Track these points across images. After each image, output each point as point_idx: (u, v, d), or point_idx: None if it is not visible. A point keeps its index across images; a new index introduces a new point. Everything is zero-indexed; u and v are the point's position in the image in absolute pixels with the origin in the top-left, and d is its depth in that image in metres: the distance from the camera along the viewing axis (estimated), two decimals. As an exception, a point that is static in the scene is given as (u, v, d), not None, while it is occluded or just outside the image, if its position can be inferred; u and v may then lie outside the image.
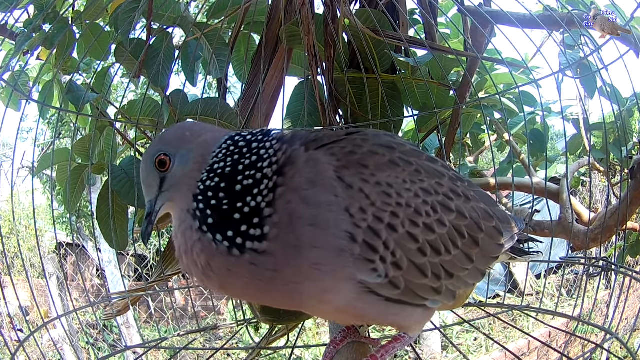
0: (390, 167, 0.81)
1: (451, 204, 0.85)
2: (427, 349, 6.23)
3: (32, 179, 1.78)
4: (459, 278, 0.85)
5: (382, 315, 0.83)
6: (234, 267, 0.75)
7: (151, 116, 1.73)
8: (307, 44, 1.44)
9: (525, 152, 2.68)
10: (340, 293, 0.76)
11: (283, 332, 1.56)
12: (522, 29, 1.53)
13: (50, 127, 4.73)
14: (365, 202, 0.75)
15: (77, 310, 1.55)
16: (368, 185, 0.77)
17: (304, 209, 0.73)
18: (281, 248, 0.73)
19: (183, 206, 0.79)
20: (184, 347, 1.58)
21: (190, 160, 0.80)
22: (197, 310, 7.17)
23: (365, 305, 0.79)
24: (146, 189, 0.85)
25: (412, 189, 0.81)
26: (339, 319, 0.88)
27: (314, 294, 0.77)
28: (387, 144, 0.84)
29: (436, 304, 0.85)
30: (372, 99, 1.65)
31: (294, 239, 0.73)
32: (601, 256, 1.54)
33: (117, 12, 1.57)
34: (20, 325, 5.98)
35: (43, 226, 7.25)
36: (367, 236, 0.74)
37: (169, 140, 0.84)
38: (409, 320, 0.86)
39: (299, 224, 0.73)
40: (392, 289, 0.78)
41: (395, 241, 0.77)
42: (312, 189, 0.74)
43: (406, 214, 0.78)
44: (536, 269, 7.43)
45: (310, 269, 0.73)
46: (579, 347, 4.72)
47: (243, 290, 0.79)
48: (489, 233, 0.90)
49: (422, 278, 0.80)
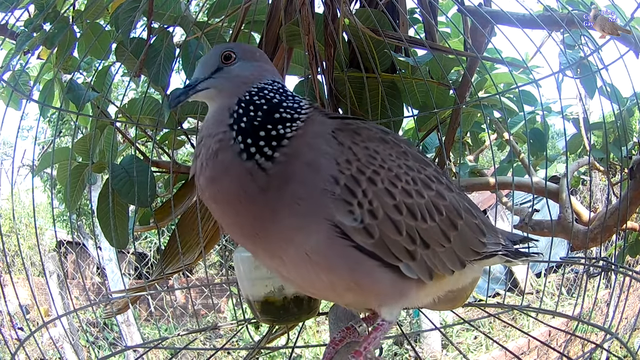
0: (380, 141, 0.92)
1: (432, 184, 0.93)
2: (427, 347, 6.24)
3: (32, 178, 1.79)
4: (435, 253, 0.90)
5: (351, 270, 0.85)
6: (232, 166, 0.83)
7: (151, 115, 1.74)
8: (307, 44, 1.44)
9: (525, 151, 2.68)
10: (313, 234, 0.82)
11: (283, 331, 1.57)
12: (522, 29, 1.53)
13: (50, 125, 4.73)
14: (352, 157, 0.86)
15: (78, 310, 1.55)
16: (357, 147, 0.87)
17: (306, 150, 0.85)
18: (278, 174, 0.82)
19: (224, 102, 0.90)
20: (184, 346, 1.59)
21: (249, 70, 0.93)
22: (197, 308, 7.18)
23: (336, 255, 0.83)
24: (200, 68, 0.94)
25: (396, 161, 0.91)
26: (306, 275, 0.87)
27: (286, 229, 0.82)
28: (383, 129, 0.96)
29: (411, 273, 0.88)
30: (372, 98, 1.65)
31: (291, 171, 0.83)
32: (601, 256, 1.54)
33: (118, 11, 1.57)
34: (20, 323, 5.99)
35: (43, 224, 7.26)
36: (348, 181, 0.83)
37: (242, 47, 0.96)
38: (378, 284, 0.88)
39: (299, 161, 0.83)
40: (366, 236, 0.83)
41: (374, 192, 0.85)
42: (315, 139, 0.86)
43: (387, 175, 0.88)
44: (536, 268, 7.44)
45: (292, 201, 0.81)
46: (578, 347, 4.72)
47: (224, 195, 0.85)
48: (468, 224, 0.96)
49: (396, 234, 0.86)
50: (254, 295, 1.35)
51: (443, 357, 6.26)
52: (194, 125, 1.99)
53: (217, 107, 0.91)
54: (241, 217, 0.85)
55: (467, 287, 1.24)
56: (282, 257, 0.86)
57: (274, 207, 0.82)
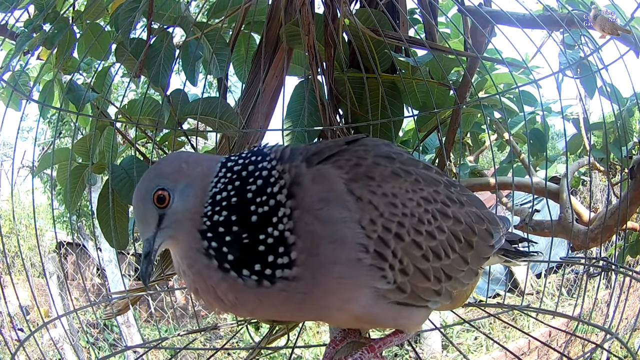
0: (393, 177, 0.83)
1: (448, 210, 0.89)
2: (428, 348, 6.23)
3: (32, 179, 1.79)
4: (456, 279, 0.90)
5: (394, 320, 0.87)
6: (264, 297, 0.75)
7: (151, 116, 1.73)
8: (307, 44, 1.44)
9: (525, 151, 2.68)
10: (359, 301, 0.79)
11: (283, 331, 1.56)
12: (522, 29, 1.53)
13: (50, 126, 4.73)
14: (374, 214, 0.78)
15: (78, 310, 1.55)
16: (376, 197, 0.79)
17: (321, 228, 0.74)
18: (309, 270, 0.74)
19: (191, 244, 0.76)
20: (185, 346, 1.59)
21: (190, 194, 0.77)
22: (197, 309, 7.17)
23: (380, 310, 0.82)
24: (142, 226, 0.79)
25: (414, 198, 0.83)
26: (354, 324, 0.91)
27: (337, 306, 0.79)
28: (387, 155, 0.87)
29: (436, 305, 0.89)
30: (372, 99, 1.65)
31: (319, 259, 0.74)
32: (601, 256, 1.54)
33: (118, 11, 1.57)
34: (20, 324, 5.98)
35: (43, 225, 7.26)
36: (377, 246, 0.77)
37: (166, 174, 0.79)
38: (414, 320, 0.91)
39: (321, 243, 0.74)
40: (399, 294, 0.81)
41: (402, 249, 0.80)
42: (325, 207, 0.75)
43: (411, 223, 0.81)
44: (536, 268, 7.44)
45: (335, 283, 0.76)
46: (579, 347, 4.72)
47: (274, 314, 0.83)
48: (481, 235, 0.95)
49: (425, 282, 0.84)
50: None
51: (443, 357, 6.25)
52: (194, 125, 1.99)
53: (184, 254, 0.78)
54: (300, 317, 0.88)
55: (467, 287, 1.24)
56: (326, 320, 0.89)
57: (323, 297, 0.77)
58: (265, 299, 0.75)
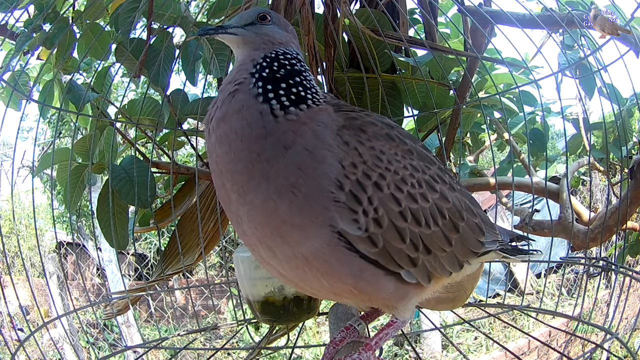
0: (385, 139, 0.89)
1: (436, 185, 0.91)
2: (427, 348, 6.23)
3: (32, 178, 1.79)
4: (435, 257, 0.89)
5: (353, 277, 0.83)
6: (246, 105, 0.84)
7: (151, 115, 1.74)
8: (307, 44, 1.44)
9: (525, 151, 2.68)
10: (313, 239, 0.80)
11: (283, 331, 1.57)
12: (522, 29, 1.53)
13: (50, 126, 4.73)
14: (357, 159, 0.82)
15: (78, 310, 1.55)
16: (362, 147, 0.84)
17: (311, 134, 0.82)
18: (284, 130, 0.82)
19: (249, 54, 0.93)
20: (184, 346, 1.59)
21: (280, 35, 0.96)
22: (197, 309, 7.18)
23: (337, 261, 0.81)
24: (236, 18, 0.97)
25: (401, 162, 0.87)
26: (305, 277, 0.86)
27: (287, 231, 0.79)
28: (388, 123, 0.93)
29: (411, 278, 0.87)
30: (372, 99, 1.65)
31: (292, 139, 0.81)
32: (601, 256, 1.54)
33: (118, 11, 1.57)
34: (20, 324, 5.98)
35: (43, 225, 7.26)
36: (354, 187, 0.80)
37: (279, 17, 1.00)
38: (381, 291, 0.87)
39: (301, 139, 0.81)
40: (370, 245, 0.81)
41: (379, 199, 0.82)
42: (322, 128, 0.84)
43: (393, 179, 0.85)
44: (536, 268, 7.44)
45: (287, 187, 0.79)
46: (579, 347, 4.72)
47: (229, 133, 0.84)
48: (469, 225, 0.95)
49: (400, 242, 0.84)
50: (254, 295, 1.35)
51: (443, 357, 6.25)
52: (194, 125, 1.99)
53: (241, 58, 0.94)
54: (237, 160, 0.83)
55: (467, 287, 1.24)
56: (275, 251, 0.84)
57: (271, 165, 0.80)
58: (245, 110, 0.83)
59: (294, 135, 0.81)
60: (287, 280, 0.93)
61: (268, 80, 0.87)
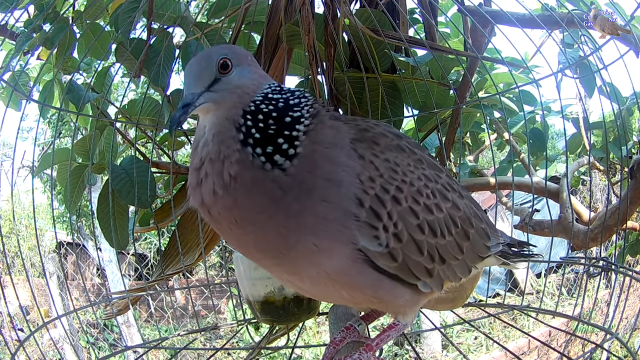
0: (397, 150, 0.88)
1: (448, 194, 0.91)
2: (427, 348, 6.23)
3: (32, 179, 1.79)
4: (449, 266, 0.90)
5: (373, 288, 0.84)
6: (258, 182, 0.77)
7: (151, 115, 1.74)
8: (307, 44, 1.44)
9: (525, 151, 2.68)
10: (335, 256, 0.79)
11: (283, 331, 1.57)
12: (522, 29, 1.53)
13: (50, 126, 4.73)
14: (374, 173, 0.81)
15: (78, 310, 1.55)
16: (378, 160, 0.82)
17: (324, 162, 0.79)
18: (298, 177, 0.77)
19: (227, 114, 0.81)
20: (185, 346, 1.59)
21: (249, 78, 0.85)
22: (197, 309, 7.18)
23: (358, 274, 0.81)
24: (194, 81, 0.83)
25: (415, 172, 0.87)
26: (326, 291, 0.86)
27: (311, 253, 0.78)
28: (396, 133, 0.92)
29: (426, 288, 0.88)
30: (372, 99, 1.65)
31: (311, 181, 0.77)
32: (601, 256, 1.54)
33: (118, 11, 1.57)
34: (20, 324, 5.98)
35: (43, 225, 7.26)
36: (373, 203, 0.79)
37: (235, 51, 0.87)
38: (398, 299, 0.88)
39: (318, 173, 0.78)
40: (390, 261, 0.81)
41: (399, 213, 0.81)
42: (334, 149, 0.81)
43: (409, 191, 0.84)
44: (536, 268, 7.44)
45: (315, 220, 0.77)
46: (579, 347, 4.72)
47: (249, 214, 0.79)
48: (478, 231, 0.96)
49: (418, 255, 0.84)
50: (254, 295, 1.35)
51: (443, 357, 6.25)
52: (194, 125, 1.99)
53: (216, 122, 0.82)
54: (266, 233, 0.78)
55: (467, 287, 1.24)
56: (301, 274, 0.84)
57: (298, 219, 0.77)
58: (256, 185, 0.77)
59: (310, 175, 0.77)
60: (305, 292, 0.94)
61: (265, 142, 0.78)
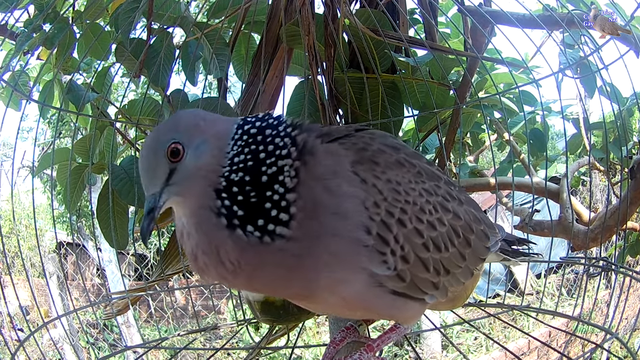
0: (397, 166, 0.85)
1: (448, 205, 0.90)
2: (427, 348, 6.23)
3: (32, 179, 1.79)
4: (453, 275, 0.90)
5: (387, 309, 0.86)
6: (264, 257, 0.73)
7: (151, 116, 1.73)
8: (307, 44, 1.44)
9: (525, 151, 2.68)
10: (353, 284, 0.79)
11: (283, 331, 1.57)
12: (522, 29, 1.53)
13: (50, 126, 4.73)
14: (378, 197, 0.79)
15: (78, 310, 1.55)
16: (380, 182, 0.80)
17: (327, 197, 0.75)
18: (305, 233, 0.73)
19: (200, 203, 0.73)
20: (184, 346, 1.59)
21: (206, 152, 0.74)
22: (197, 309, 7.18)
23: (374, 297, 0.82)
24: (149, 180, 0.75)
25: (416, 188, 0.85)
26: (342, 312, 0.89)
27: (328, 284, 0.78)
28: (393, 145, 0.89)
29: (432, 299, 0.88)
30: (372, 99, 1.65)
31: (317, 225, 0.74)
32: (601, 256, 1.54)
33: (118, 11, 1.57)
34: (20, 324, 5.98)
35: (43, 225, 7.25)
36: (380, 229, 0.78)
37: (182, 128, 0.75)
38: (407, 313, 0.90)
39: (322, 211, 0.74)
40: (398, 282, 0.81)
41: (404, 235, 0.80)
42: (334, 179, 0.76)
43: (413, 211, 0.83)
44: (536, 268, 7.44)
45: (330, 257, 0.75)
46: (579, 347, 4.72)
47: (268, 282, 0.77)
48: (478, 235, 0.96)
49: (425, 272, 0.84)
50: (254, 295, 1.35)
51: (443, 357, 6.25)
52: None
53: (192, 212, 0.75)
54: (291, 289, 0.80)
55: (467, 287, 1.24)
56: (316, 300, 0.84)
57: (315, 269, 0.75)
58: (266, 259, 0.73)
59: (317, 222, 0.74)
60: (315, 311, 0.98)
61: (252, 216, 0.72)
